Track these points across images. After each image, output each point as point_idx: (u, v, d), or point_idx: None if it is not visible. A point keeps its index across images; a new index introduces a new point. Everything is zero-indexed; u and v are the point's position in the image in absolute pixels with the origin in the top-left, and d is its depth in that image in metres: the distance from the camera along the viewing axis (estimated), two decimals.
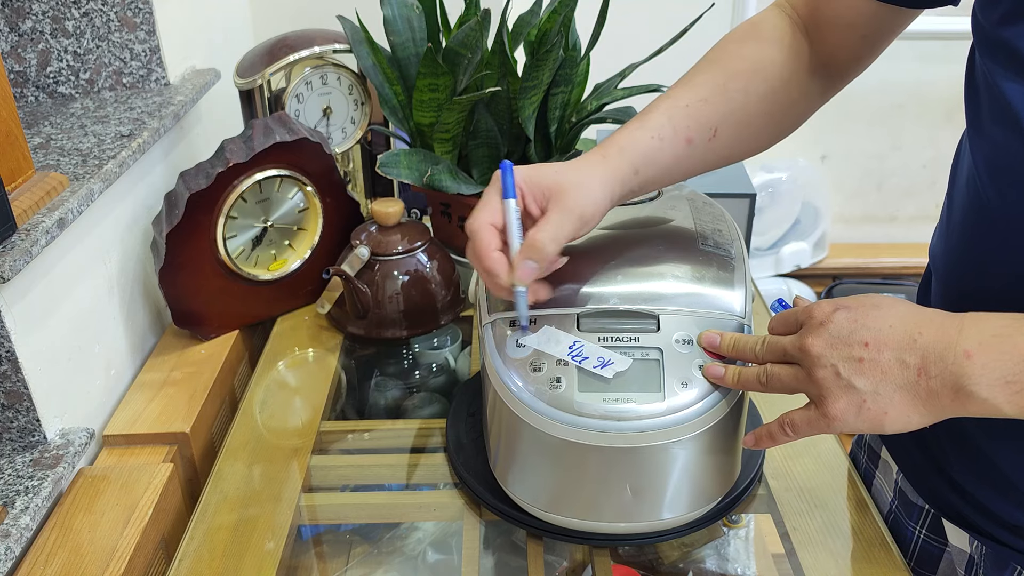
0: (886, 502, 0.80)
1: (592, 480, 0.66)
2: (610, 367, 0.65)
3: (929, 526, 0.74)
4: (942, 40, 2.14)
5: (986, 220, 0.62)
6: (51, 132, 0.97)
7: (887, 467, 0.80)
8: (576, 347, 0.66)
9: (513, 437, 0.68)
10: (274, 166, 0.99)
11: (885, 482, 0.80)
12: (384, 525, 0.82)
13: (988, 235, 0.62)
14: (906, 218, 2.40)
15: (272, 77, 1.08)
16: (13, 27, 1.05)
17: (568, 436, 0.64)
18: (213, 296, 1.00)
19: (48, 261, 0.81)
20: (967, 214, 0.65)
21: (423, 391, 0.99)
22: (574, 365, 0.65)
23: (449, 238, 1.10)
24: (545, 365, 0.66)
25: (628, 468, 0.65)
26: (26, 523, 0.70)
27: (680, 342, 0.66)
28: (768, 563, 0.76)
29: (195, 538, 0.74)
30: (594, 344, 0.66)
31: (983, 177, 0.61)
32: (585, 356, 0.65)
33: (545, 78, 0.97)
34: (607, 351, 0.66)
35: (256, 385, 0.95)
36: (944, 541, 0.73)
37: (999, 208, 0.60)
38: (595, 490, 0.66)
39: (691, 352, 0.66)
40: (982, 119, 0.61)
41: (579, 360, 0.65)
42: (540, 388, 0.65)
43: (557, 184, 0.65)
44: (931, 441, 0.71)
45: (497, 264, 0.64)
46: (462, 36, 0.97)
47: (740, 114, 0.71)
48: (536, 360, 0.66)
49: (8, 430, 0.78)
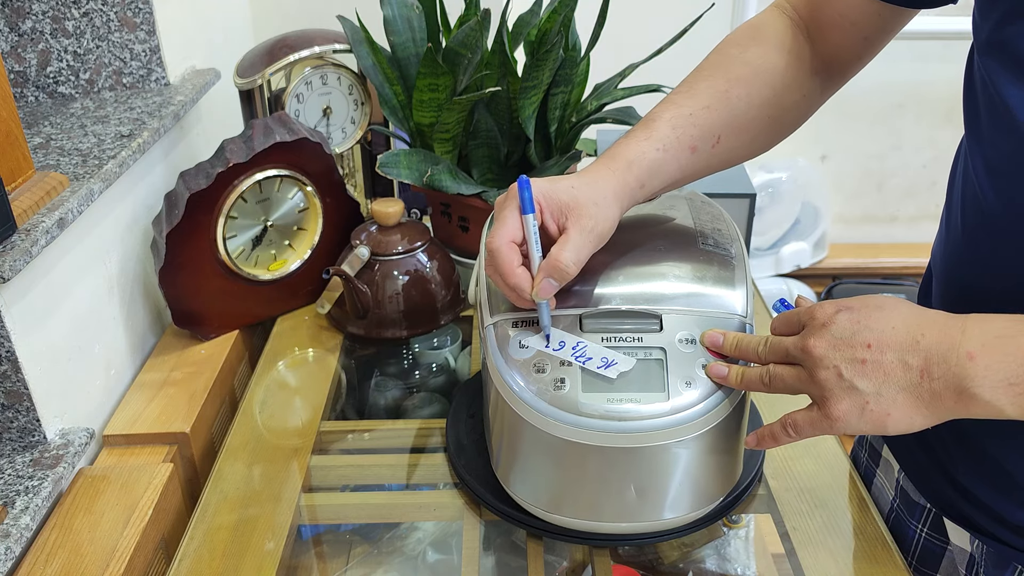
0: (887, 501, 0.80)
1: (596, 480, 0.66)
2: (614, 367, 0.65)
3: (931, 525, 0.74)
4: (942, 40, 2.14)
5: (986, 223, 0.62)
6: (51, 132, 0.97)
7: (888, 466, 0.80)
8: (580, 348, 0.66)
9: (516, 438, 0.68)
10: (274, 166, 0.99)
11: (886, 481, 0.80)
12: (384, 525, 0.82)
13: (988, 238, 0.62)
14: (906, 218, 2.40)
15: (272, 77, 1.08)
16: (13, 27, 1.05)
17: (572, 437, 0.64)
18: (213, 296, 1.00)
19: (48, 261, 0.81)
20: (967, 216, 0.65)
21: (423, 391, 0.99)
22: (578, 366, 0.65)
23: (449, 238, 1.10)
24: (548, 366, 0.65)
25: (633, 468, 0.65)
26: (26, 523, 0.70)
27: (683, 342, 0.66)
28: (768, 563, 0.76)
29: (195, 538, 0.74)
30: (598, 344, 0.66)
31: (982, 180, 0.62)
32: (589, 356, 0.65)
33: (545, 78, 0.97)
34: (610, 351, 0.66)
35: (256, 385, 0.95)
36: (946, 540, 0.73)
37: (998, 211, 0.60)
38: (599, 490, 0.66)
39: (694, 352, 0.66)
40: (981, 123, 0.61)
41: (583, 361, 0.65)
42: (544, 389, 0.65)
43: (575, 200, 0.66)
44: (934, 441, 0.71)
45: (522, 281, 0.65)
46: (462, 36, 0.97)
47: (743, 120, 0.71)
48: (539, 361, 0.66)
49: (8, 430, 0.78)
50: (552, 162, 1.01)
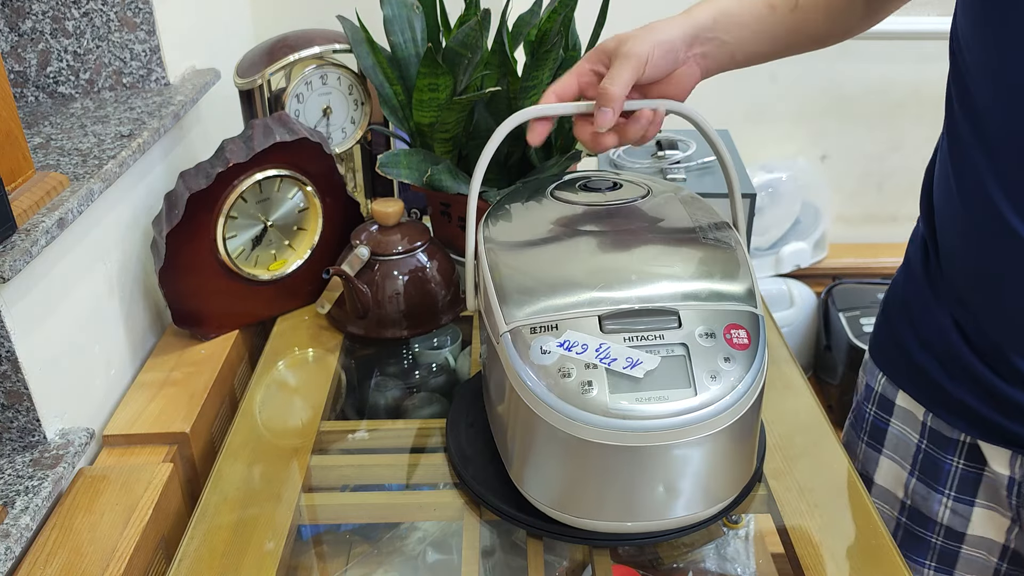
0: (911, 445, 0.81)
1: (627, 480, 0.65)
2: (640, 366, 0.64)
3: (967, 456, 0.77)
4: (942, 40, 2.13)
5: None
6: (51, 132, 0.97)
7: (908, 413, 0.81)
8: (603, 349, 0.66)
9: (543, 445, 0.67)
10: (274, 166, 0.99)
11: (908, 428, 0.81)
12: (384, 525, 0.82)
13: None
14: (906, 218, 2.40)
15: (272, 77, 1.08)
16: (13, 27, 1.05)
17: (605, 439, 0.63)
18: (213, 296, 1.00)
19: (48, 261, 0.81)
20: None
21: (423, 391, 0.99)
22: (603, 367, 0.65)
23: (449, 238, 1.10)
24: (574, 370, 0.65)
25: (666, 465, 0.65)
26: (26, 523, 0.70)
27: (703, 336, 0.66)
28: (768, 563, 0.76)
29: (195, 538, 0.74)
30: (620, 345, 0.66)
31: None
32: (613, 357, 0.65)
33: (545, 78, 0.97)
34: (634, 351, 0.65)
35: (256, 385, 0.95)
36: (982, 467, 0.76)
37: None
38: (630, 490, 0.66)
39: (715, 345, 0.66)
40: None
41: (608, 362, 0.65)
42: (570, 393, 0.64)
43: (616, 40, 0.72)
44: (968, 367, 0.74)
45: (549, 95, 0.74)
46: (462, 36, 0.97)
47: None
48: (564, 365, 0.65)
49: (8, 430, 0.78)
50: (552, 162, 1.01)
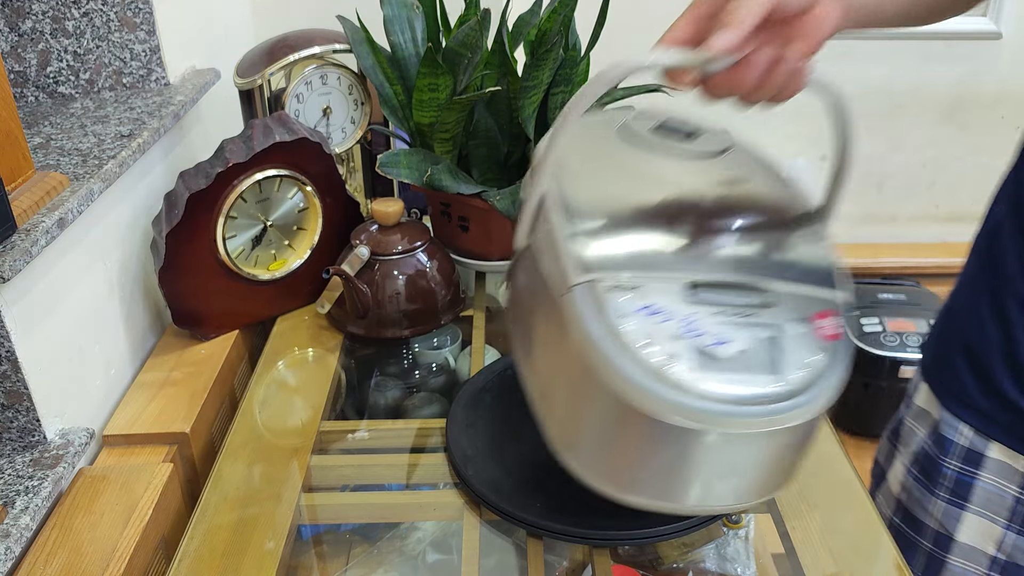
0: (1005, 502, 0.80)
1: (697, 465, 0.59)
2: (729, 345, 0.58)
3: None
4: (943, 40, 2.13)
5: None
6: (51, 132, 0.97)
7: (1005, 466, 0.79)
8: (690, 321, 0.58)
9: (606, 417, 0.60)
10: (274, 166, 0.99)
11: (1003, 482, 0.80)
12: (384, 525, 0.82)
13: None
14: (906, 218, 2.40)
15: (272, 77, 1.08)
16: (13, 27, 1.05)
17: (687, 421, 0.56)
18: (213, 296, 1.00)
19: (48, 261, 0.81)
20: None
21: (423, 391, 0.99)
22: (689, 341, 0.57)
23: (449, 238, 1.10)
24: (656, 340, 0.57)
25: (734, 452, 0.59)
26: (26, 523, 0.70)
27: (795, 321, 0.60)
28: (768, 563, 0.76)
29: (195, 538, 0.74)
30: (708, 318, 0.60)
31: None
32: (701, 332, 0.58)
33: (545, 78, 0.97)
34: (723, 328, 0.58)
35: (256, 385, 0.95)
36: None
37: None
38: (696, 475, 0.60)
39: (806, 333, 0.60)
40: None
41: (694, 335, 0.58)
42: (650, 366, 0.56)
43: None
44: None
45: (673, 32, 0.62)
46: (462, 36, 0.97)
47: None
48: (645, 333, 0.57)
49: (8, 430, 0.78)
50: None
